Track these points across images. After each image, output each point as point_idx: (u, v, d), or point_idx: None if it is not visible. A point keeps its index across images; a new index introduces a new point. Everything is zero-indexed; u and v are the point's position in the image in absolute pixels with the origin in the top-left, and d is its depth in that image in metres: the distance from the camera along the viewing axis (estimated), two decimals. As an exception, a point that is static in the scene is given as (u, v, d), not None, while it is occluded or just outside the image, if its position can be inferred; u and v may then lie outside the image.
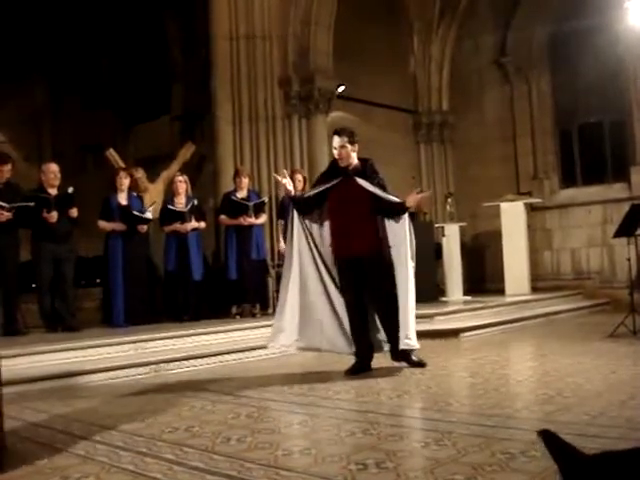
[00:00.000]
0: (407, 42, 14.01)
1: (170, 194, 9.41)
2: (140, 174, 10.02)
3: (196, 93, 12.61)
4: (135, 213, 8.60)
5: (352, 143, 5.95)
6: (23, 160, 14.57)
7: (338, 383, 5.47)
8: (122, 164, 10.25)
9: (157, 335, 7.28)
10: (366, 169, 5.97)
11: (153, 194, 9.95)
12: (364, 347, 5.93)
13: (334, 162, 6.08)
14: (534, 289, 11.87)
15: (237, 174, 9.45)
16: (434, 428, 3.79)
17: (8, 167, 7.95)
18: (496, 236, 12.01)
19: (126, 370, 6.32)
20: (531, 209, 12.53)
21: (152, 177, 10.45)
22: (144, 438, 3.86)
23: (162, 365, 6.54)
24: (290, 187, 6.16)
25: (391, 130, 13.29)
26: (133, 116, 16.07)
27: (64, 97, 16.91)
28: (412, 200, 5.97)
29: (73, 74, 16.25)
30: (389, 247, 5.92)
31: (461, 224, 11.58)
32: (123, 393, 5.48)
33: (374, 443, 3.52)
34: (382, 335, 6.03)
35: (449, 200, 11.86)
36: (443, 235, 11.36)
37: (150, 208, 8.95)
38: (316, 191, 6.06)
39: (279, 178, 6.37)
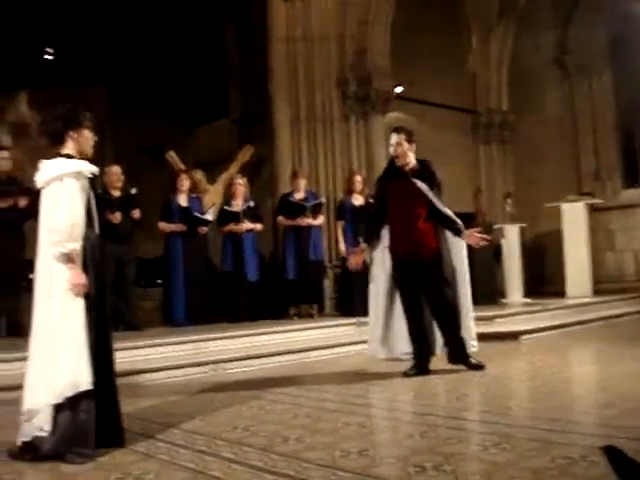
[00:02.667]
0: (465, 40, 13.88)
1: (228, 196, 9.51)
2: (199, 176, 10.14)
3: (254, 96, 12.71)
4: (195, 214, 8.72)
5: (409, 142, 5.91)
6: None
7: (396, 385, 5.45)
8: (182, 166, 10.39)
9: (216, 335, 7.36)
10: (424, 170, 5.91)
11: (212, 196, 10.06)
12: (422, 349, 5.89)
13: (392, 161, 6.04)
14: (595, 291, 11.62)
15: (295, 176, 9.50)
16: (493, 431, 3.75)
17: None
18: (557, 237, 11.81)
19: (186, 369, 6.40)
20: (593, 210, 12.26)
21: (211, 179, 10.56)
22: (204, 436, 3.91)
23: (221, 364, 6.60)
24: (362, 257, 6.14)
25: (449, 130, 13.18)
26: (193, 119, 16.29)
27: (125, 101, 17.21)
28: (470, 238, 5.94)
29: (133, 78, 16.53)
30: (448, 249, 5.88)
31: (521, 225, 11.43)
32: (183, 392, 5.56)
33: (432, 446, 3.50)
34: (438, 337, 5.98)
35: (508, 200, 11.71)
36: (503, 236, 11.23)
37: (210, 210, 9.07)
38: (377, 211, 6.08)
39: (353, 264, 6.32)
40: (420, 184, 5.80)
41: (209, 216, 8.90)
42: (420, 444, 3.56)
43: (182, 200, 8.85)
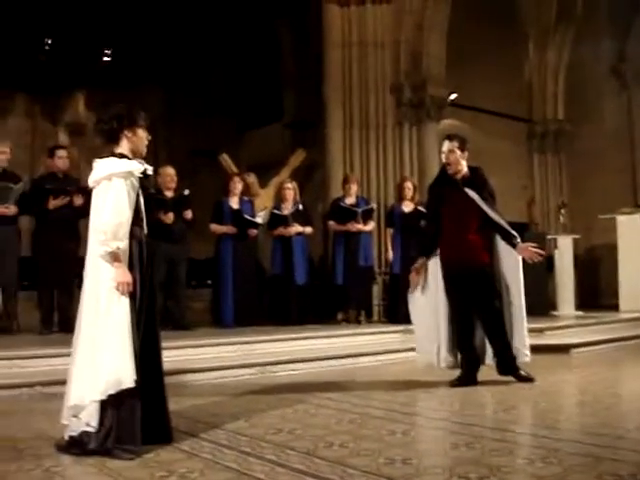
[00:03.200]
0: (522, 48, 13.73)
1: (279, 200, 9.56)
2: (252, 179, 10.22)
3: (308, 100, 12.79)
4: (246, 217, 8.78)
5: (462, 150, 5.83)
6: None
7: (442, 394, 5.40)
8: (235, 169, 10.49)
9: (264, 337, 7.40)
10: (476, 178, 5.85)
11: (264, 199, 10.14)
12: (470, 359, 5.83)
13: (443, 169, 5.98)
14: (650, 306, 11.37)
15: (346, 181, 9.50)
16: (540, 445, 3.68)
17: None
18: (611, 250, 11.59)
19: (233, 370, 6.43)
20: (649, 222, 12.01)
21: (263, 183, 10.63)
22: (248, 438, 3.93)
23: (268, 367, 6.62)
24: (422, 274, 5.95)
25: (503, 138, 13.05)
26: (246, 122, 16.43)
27: (179, 103, 17.45)
28: (525, 251, 5.82)
29: (187, 81, 16.75)
30: (501, 260, 5.83)
31: (575, 236, 11.25)
32: (229, 393, 5.59)
33: (477, 457, 3.45)
34: (488, 347, 5.90)
35: (562, 211, 11.55)
36: (556, 247, 11.07)
37: (261, 213, 9.13)
38: (432, 222, 6.01)
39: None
40: (472, 193, 5.74)
41: (259, 219, 8.96)
42: (465, 455, 3.52)
43: (234, 203, 8.92)
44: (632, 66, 13.31)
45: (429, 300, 5.93)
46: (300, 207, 9.21)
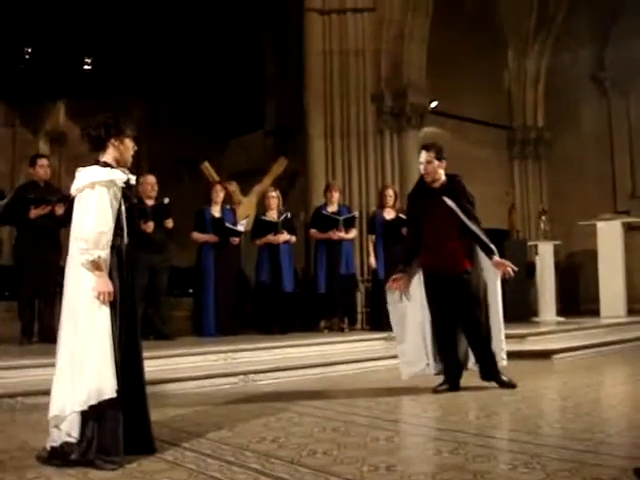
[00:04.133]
0: (502, 56, 13.84)
1: (262, 208, 9.55)
2: (234, 187, 10.20)
3: (289, 108, 12.79)
4: (228, 225, 8.76)
5: (440, 159, 5.83)
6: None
7: (425, 400, 5.41)
8: (217, 177, 10.46)
9: (246, 346, 7.38)
10: (454, 186, 5.85)
11: (246, 207, 10.12)
12: (452, 365, 5.84)
13: (421, 179, 5.97)
14: (630, 311, 11.43)
15: (328, 189, 9.51)
16: (523, 450, 3.70)
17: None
18: (591, 256, 11.67)
19: (215, 379, 6.42)
20: (629, 228, 12.12)
21: (245, 191, 10.62)
22: (231, 447, 3.91)
23: (250, 376, 6.61)
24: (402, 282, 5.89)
25: (484, 146, 13.13)
26: (227, 131, 16.42)
27: (161, 112, 17.41)
28: (499, 265, 5.78)
29: (169, 90, 16.72)
30: (481, 267, 5.84)
31: (555, 243, 11.33)
32: (212, 402, 5.57)
33: (461, 463, 3.46)
34: (470, 353, 5.92)
35: (543, 218, 11.62)
36: (536, 254, 11.13)
37: (243, 221, 9.11)
38: (414, 231, 5.98)
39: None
40: (450, 202, 5.75)
41: (241, 227, 8.94)
42: (449, 461, 3.52)
43: (216, 211, 8.90)
44: (611, 73, 13.44)
45: (415, 313, 5.91)
46: (288, 215, 9.23)
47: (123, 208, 3.82)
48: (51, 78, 16.15)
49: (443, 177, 5.86)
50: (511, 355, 6.60)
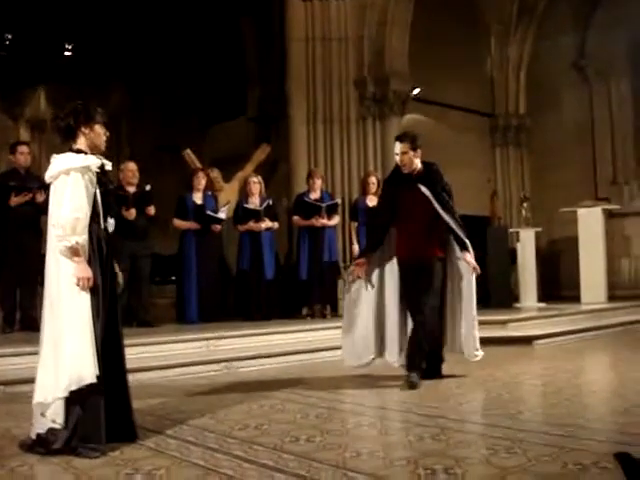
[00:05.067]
0: (484, 44, 13.85)
1: (244, 194, 9.52)
2: (216, 174, 10.15)
3: (271, 95, 12.74)
4: (209, 213, 8.74)
5: (414, 149, 5.70)
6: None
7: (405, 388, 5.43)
8: (199, 164, 10.41)
9: (229, 333, 7.37)
10: (430, 174, 5.76)
11: (228, 194, 10.08)
12: (430, 353, 5.72)
13: (397, 168, 5.85)
14: (611, 297, 11.56)
15: (310, 175, 9.50)
16: (505, 436, 3.73)
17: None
18: (572, 242, 11.74)
19: (198, 367, 6.42)
20: (609, 215, 12.21)
21: (227, 177, 10.58)
22: (215, 434, 3.92)
23: (233, 363, 6.62)
24: (364, 268, 5.83)
25: (466, 133, 13.15)
26: (210, 117, 16.33)
27: (142, 98, 17.27)
28: (466, 261, 5.70)
29: (151, 76, 16.60)
30: (456, 257, 5.74)
31: (537, 229, 11.38)
32: (195, 389, 5.57)
33: (443, 449, 3.49)
34: (456, 337, 5.81)
35: (525, 205, 11.67)
36: (518, 240, 11.19)
37: (224, 208, 9.08)
38: (383, 221, 5.89)
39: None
40: (425, 190, 5.65)
41: (222, 214, 8.91)
42: (431, 447, 3.55)
43: (197, 198, 8.87)
44: (593, 61, 13.49)
45: (369, 303, 5.86)
46: (270, 202, 9.21)
47: (98, 193, 3.81)
48: (31, 64, 15.97)
49: (419, 165, 5.77)
50: (492, 341, 6.67)
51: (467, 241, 5.70)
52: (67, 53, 16.50)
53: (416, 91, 11.64)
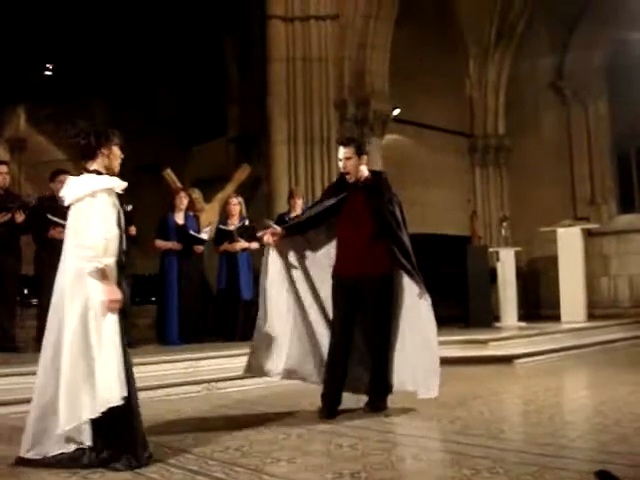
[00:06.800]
0: (463, 65, 14.00)
1: (224, 215, 9.51)
2: (196, 194, 10.15)
3: (252, 115, 12.77)
4: (191, 233, 8.71)
5: (360, 155, 5.23)
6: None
7: (388, 406, 5.41)
8: (179, 184, 10.41)
9: (210, 354, 7.33)
10: (378, 183, 5.26)
11: (209, 214, 10.07)
12: (333, 391, 5.13)
13: (342, 177, 5.36)
14: (590, 316, 11.61)
15: (291, 195, 9.50)
16: (486, 455, 3.73)
17: (66, 178, 8.04)
18: (552, 262, 11.82)
19: (179, 387, 6.37)
20: (588, 234, 12.31)
21: (208, 198, 10.58)
22: (195, 456, 3.89)
23: (214, 384, 6.58)
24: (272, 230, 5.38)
25: (446, 153, 13.25)
26: (190, 137, 16.34)
27: (123, 118, 17.26)
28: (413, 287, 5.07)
29: (131, 96, 16.60)
30: (403, 274, 5.11)
31: (516, 249, 11.44)
32: (175, 410, 5.53)
33: (425, 469, 3.48)
34: (364, 374, 5.23)
35: (504, 224, 11.74)
36: (498, 260, 11.24)
37: (207, 229, 9.06)
38: (315, 211, 5.41)
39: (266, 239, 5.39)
40: (371, 201, 5.15)
41: (204, 235, 8.89)
42: (413, 467, 3.54)
43: (179, 218, 8.85)
44: (570, 82, 13.67)
45: (288, 302, 5.32)
46: (247, 222, 9.19)
47: (122, 214, 3.85)
48: (11, 83, 15.94)
49: (366, 173, 5.28)
50: (473, 360, 6.67)
51: (408, 265, 5.07)
52: (47, 72, 16.48)
53: (396, 112, 11.72)
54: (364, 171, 5.28)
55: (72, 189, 3.77)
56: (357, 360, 5.21)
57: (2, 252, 7.59)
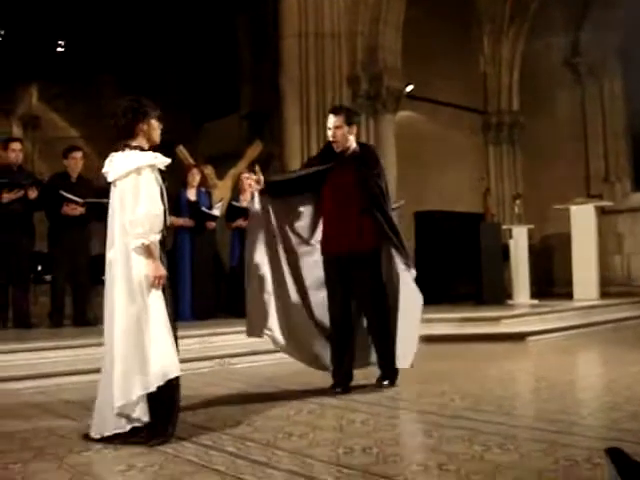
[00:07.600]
0: (477, 41, 13.88)
1: (237, 192, 9.51)
2: (209, 171, 10.14)
3: (265, 92, 12.73)
4: (203, 209, 8.73)
5: (350, 124, 5.12)
6: (97, 156, 14.93)
7: (400, 382, 5.42)
8: (192, 161, 10.40)
9: (222, 330, 7.36)
10: (365, 155, 5.18)
11: (221, 191, 10.06)
12: (344, 369, 5.17)
13: (328, 145, 5.24)
14: (603, 294, 11.58)
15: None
16: (497, 432, 3.74)
17: (79, 155, 8.09)
18: (565, 239, 11.78)
19: (191, 363, 6.38)
20: (602, 212, 12.25)
21: (220, 175, 10.57)
22: (208, 431, 3.92)
23: (226, 359, 6.62)
24: (253, 183, 5.25)
25: (459, 130, 13.18)
26: (203, 114, 16.30)
27: (134, 95, 17.23)
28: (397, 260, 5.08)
29: (144, 73, 16.55)
30: (391, 248, 5.08)
31: (529, 226, 11.41)
32: (188, 386, 5.54)
33: (436, 445, 3.49)
34: (371, 350, 5.26)
35: (517, 202, 11.70)
36: (511, 237, 11.21)
37: (218, 205, 9.07)
38: (302, 173, 5.32)
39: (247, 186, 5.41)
40: (359, 173, 5.06)
41: (216, 211, 8.90)
42: (424, 443, 3.56)
43: (191, 194, 8.86)
44: (585, 59, 13.55)
45: (264, 263, 5.46)
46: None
47: (164, 190, 3.85)
48: (24, 61, 15.93)
49: (354, 144, 5.20)
50: (485, 337, 6.67)
51: (395, 239, 5.06)
52: (60, 49, 16.45)
53: (409, 88, 11.65)
54: (352, 142, 5.19)
55: (116, 166, 3.76)
56: (360, 336, 5.23)
57: (15, 229, 7.63)
